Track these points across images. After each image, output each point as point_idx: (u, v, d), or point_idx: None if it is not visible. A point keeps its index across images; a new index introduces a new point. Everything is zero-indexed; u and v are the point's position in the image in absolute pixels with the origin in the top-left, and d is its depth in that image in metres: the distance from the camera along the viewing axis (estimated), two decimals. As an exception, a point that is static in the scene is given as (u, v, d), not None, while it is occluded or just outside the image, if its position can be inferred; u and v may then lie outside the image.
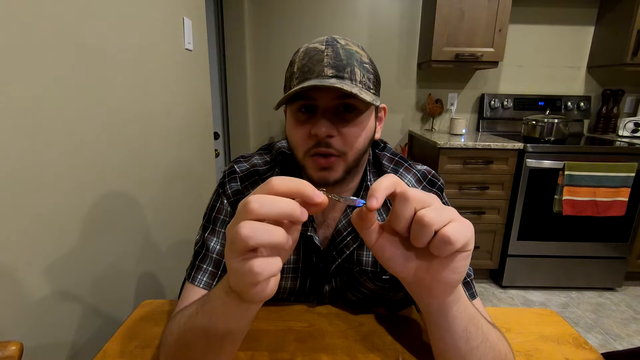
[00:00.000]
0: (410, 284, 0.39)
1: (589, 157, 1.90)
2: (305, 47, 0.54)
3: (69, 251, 0.73)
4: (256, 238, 0.29)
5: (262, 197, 0.30)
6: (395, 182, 0.33)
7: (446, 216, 0.32)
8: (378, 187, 0.32)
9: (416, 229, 0.33)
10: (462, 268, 0.35)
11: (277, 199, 0.30)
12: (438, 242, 0.32)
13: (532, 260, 2.11)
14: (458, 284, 0.37)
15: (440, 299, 0.39)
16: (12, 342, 0.48)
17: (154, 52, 1.07)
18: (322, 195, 0.32)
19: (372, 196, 0.32)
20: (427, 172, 0.66)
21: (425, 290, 0.38)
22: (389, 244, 0.36)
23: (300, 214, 0.31)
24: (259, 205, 0.30)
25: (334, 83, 0.48)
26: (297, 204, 0.31)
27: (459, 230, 0.32)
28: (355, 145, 0.54)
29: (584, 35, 2.40)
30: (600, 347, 1.68)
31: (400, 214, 0.33)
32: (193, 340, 0.42)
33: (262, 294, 0.32)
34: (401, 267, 0.37)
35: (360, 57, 0.53)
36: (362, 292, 0.65)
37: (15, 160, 0.60)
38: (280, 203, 0.30)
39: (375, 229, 0.36)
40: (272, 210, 0.30)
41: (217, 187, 0.65)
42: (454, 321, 0.40)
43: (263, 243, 0.30)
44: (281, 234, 0.30)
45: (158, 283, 1.14)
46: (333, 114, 0.52)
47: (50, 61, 0.67)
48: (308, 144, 0.53)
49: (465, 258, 0.34)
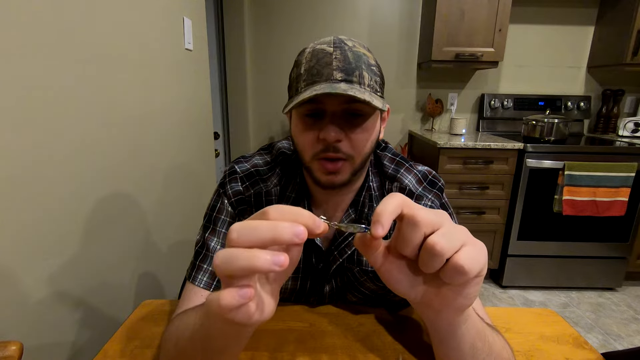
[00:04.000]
0: (418, 305, 0.37)
1: (589, 157, 1.90)
2: (312, 48, 0.53)
3: (69, 251, 0.73)
4: (223, 267, 0.27)
5: (240, 226, 0.28)
6: (402, 203, 0.30)
7: (458, 241, 0.30)
8: (383, 211, 0.29)
9: (426, 257, 0.30)
10: (473, 294, 0.33)
11: (256, 226, 0.28)
12: (450, 271, 0.30)
13: (532, 260, 2.11)
14: (468, 308, 0.36)
15: (450, 320, 0.37)
16: (12, 342, 0.48)
17: (154, 52, 1.07)
18: (322, 225, 0.29)
19: (377, 222, 0.29)
20: (427, 173, 0.66)
21: (434, 313, 0.36)
22: (395, 268, 0.34)
23: (289, 237, 0.27)
24: (237, 235, 0.28)
25: (345, 88, 0.47)
26: (283, 226, 0.27)
27: (472, 258, 0.29)
28: (363, 150, 0.54)
29: (584, 35, 2.40)
30: (600, 347, 1.68)
31: (409, 239, 0.30)
32: (192, 349, 0.42)
33: (249, 319, 0.30)
34: (409, 290, 0.35)
35: (367, 59, 0.52)
36: (363, 292, 0.65)
37: (15, 160, 0.60)
38: (259, 229, 0.27)
39: (382, 252, 0.34)
40: (250, 238, 0.27)
41: (218, 187, 0.65)
42: (462, 339, 0.39)
43: (233, 270, 0.27)
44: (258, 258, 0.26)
45: (158, 283, 1.14)
46: (341, 118, 0.52)
47: (50, 61, 0.67)
48: (316, 148, 0.53)
49: (478, 283, 0.32)
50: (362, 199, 0.62)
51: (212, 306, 0.28)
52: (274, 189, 0.63)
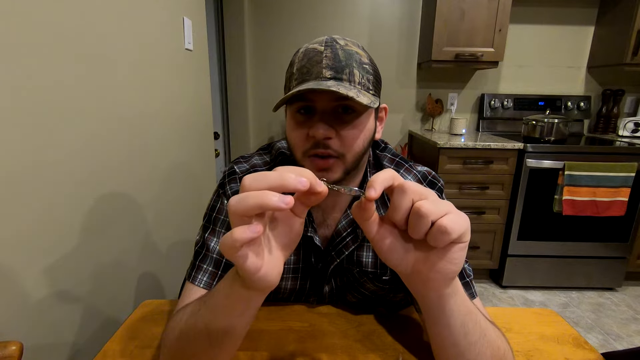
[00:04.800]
0: (409, 277, 0.39)
1: (589, 157, 1.90)
2: (305, 47, 0.54)
3: (70, 251, 0.73)
4: (238, 206, 0.30)
5: (252, 175, 0.32)
6: (393, 175, 0.34)
7: (443, 208, 0.33)
8: (376, 178, 0.33)
9: (414, 220, 0.34)
10: (458, 259, 0.36)
11: (266, 174, 0.32)
12: (435, 232, 0.33)
13: (532, 260, 2.11)
14: (455, 275, 0.38)
15: (438, 291, 0.39)
16: (12, 342, 0.48)
17: (154, 52, 1.07)
18: (322, 185, 0.33)
19: (370, 187, 0.33)
20: (427, 173, 0.66)
21: (423, 282, 0.39)
22: (388, 235, 0.37)
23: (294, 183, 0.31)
24: (249, 181, 0.31)
25: (332, 85, 0.48)
26: (289, 175, 0.31)
27: (455, 221, 0.33)
28: (354, 147, 0.54)
29: (584, 35, 2.40)
30: (600, 347, 1.68)
31: (398, 205, 0.34)
32: (195, 336, 0.43)
33: (257, 268, 0.33)
34: (399, 259, 0.38)
35: (359, 57, 0.53)
36: (362, 292, 0.65)
37: (15, 160, 0.60)
38: (269, 177, 0.31)
39: (375, 220, 0.37)
40: (261, 184, 0.31)
41: (218, 187, 0.65)
42: (452, 315, 0.41)
43: (247, 208, 0.30)
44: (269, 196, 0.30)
45: (158, 283, 1.14)
46: (331, 116, 0.52)
47: (50, 61, 0.67)
48: (306, 145, 0.53)
49: (462, 249, 0.35)
50: None
51: (226, 241, 0.31)
52: None
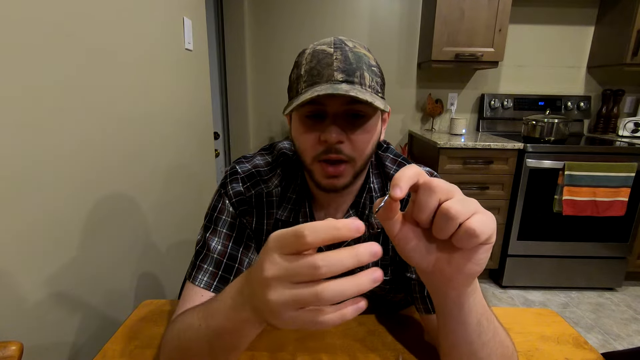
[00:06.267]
0: (430, 275, 0.38)
1: (589, 157, 1.90)
2: (312, 48, 0.53)
3: (70, 251, 0.73)
4: (337, 298, 0.28)
5: (325, 258, 0.28)
6: (419, 172, 0.33)
7: (471, 208, 0.32)
8: (402, 176, 0.32)
9: (441, 221, 0.32)
10: (484, 260, 0.35)
11: (340, 256, 0.28)
12: (463, 234, 0.31)
13: (532, 260, 2.11)
14: (478, 275, 0.37)
15: (458, 290, 0.38)
16: (12, 342, 0.48)
17: (154, 52, 1.07)
18: (362, 228, 0.29)
19: (396, 185, 0.31)
20: (429, 174, 0.66)
21: (445, 281, 0.38)
22: (411, 235, 0.36)
23: (369, 258, 0.28)
24: (326, 267, 0.28)
25: (346, 89, 0.47)
26: (361, 251, 0.28)
27: (483, 223, 0.31)
28: (365, 151, 0.54)
29: (584, 35, 2.40)
30: (600, 347, 1.68)
31: (425, 205, 0.33)
32: (197, 351, 0.42)
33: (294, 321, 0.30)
34: (422, 258, 0.36)
35: (368, 60, 0.52)
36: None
37: (15, 160, 0.60)
38: (344, 259, 0.28)
39: (399, 219, 0.35)
40: (337, 269, 0.28)
41: (219, 187, 0.65)
42: (469, 313, 0.40)
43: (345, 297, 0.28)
44: (362, 284, 0.28)
45: (158, 283, 1.14)
46: (342, 120, 0.52)
47: (50, 61, 0.67)
48: (317, 149, 0.53)
49: (488, 250, 0.34)
50: (363, 200, 0.62)
51: (331, 319, 0.29)
52: (274, 189, 0.63)
